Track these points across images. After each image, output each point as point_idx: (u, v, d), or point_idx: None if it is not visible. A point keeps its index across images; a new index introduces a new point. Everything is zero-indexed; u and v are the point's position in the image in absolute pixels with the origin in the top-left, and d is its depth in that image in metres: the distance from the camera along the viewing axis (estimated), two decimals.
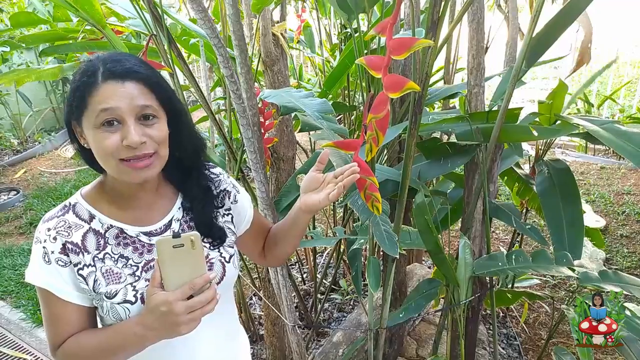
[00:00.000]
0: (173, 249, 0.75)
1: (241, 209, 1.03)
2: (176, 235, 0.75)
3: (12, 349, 2.54)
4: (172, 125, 0.85)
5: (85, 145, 0.83)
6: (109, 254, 0.85)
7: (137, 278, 0.85)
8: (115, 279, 0.83)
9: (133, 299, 0.82)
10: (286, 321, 1.54)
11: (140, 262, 0.86)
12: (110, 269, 0.84)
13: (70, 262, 0.82)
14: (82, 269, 0.83)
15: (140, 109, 0.78)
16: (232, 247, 0.98)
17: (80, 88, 0.78)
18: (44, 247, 0.82)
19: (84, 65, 0.81)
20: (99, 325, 0.90)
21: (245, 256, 2.27)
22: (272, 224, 1.14)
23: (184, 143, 0.89)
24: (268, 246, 1.12)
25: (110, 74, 0.77)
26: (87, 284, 0.83)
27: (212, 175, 1.00)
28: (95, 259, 0.84)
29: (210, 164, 1.02)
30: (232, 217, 1.01)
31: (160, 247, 0.75)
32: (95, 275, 0.83)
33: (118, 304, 0.82)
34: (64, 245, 0.82)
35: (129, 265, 0.85)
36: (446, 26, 1.32)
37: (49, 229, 0.83)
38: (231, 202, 1.01)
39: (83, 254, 0.83)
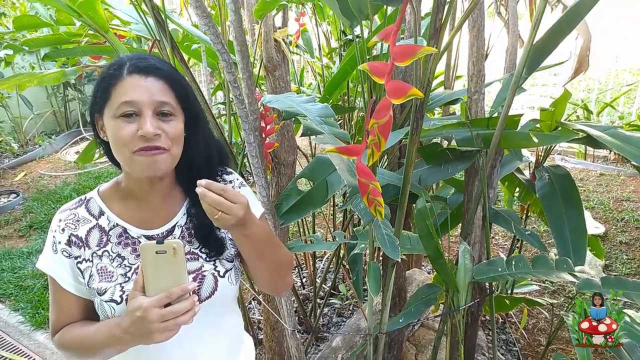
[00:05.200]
0: (156, 255, 0.74)
1: None
2: (159, 242, 0.75)
3: (11, 352, 2.53)
4: (188, 127, 0.86)
5: (105, 138, 0.85)
6: (108, 252, 0.87)
7: (127, 279, 0.86)
8: (108, 277, 0.85)
9: (119, 299, 0.83)
10: (285, 326, 1.53)
11: (134, 264, 0.87)
12: (105, 266, 0.86)
13: (72, 254, 0.86)
14: (80, 262, 0.86)
15: (159, 105, 0.80)
16: (231, 262, 0.94)
17: (106, 80, 0.81)
18: (54, 237, 0.86)
19: (113, 60, 0.85)
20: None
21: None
22: None
23: (197, 147, 0.89)
24: None
25: (135, 68, 0.80)
26: (84, 278, 0.86)
27: (223, 183, 0.96)
28: (94, 254, 0.86)
29: (227, 169, 1.00)
30: None
31: (144, 251, 0.75)
32: (91, 271, 0.85)
33: (106, 302, 0.84)
34: (69, 237, 0.86)
35: (123, 266, 0.87)
36: (447, 33, 1.33)
37: (60, 220, 0.87)
38: None
39: (84, 249, 0.86)
